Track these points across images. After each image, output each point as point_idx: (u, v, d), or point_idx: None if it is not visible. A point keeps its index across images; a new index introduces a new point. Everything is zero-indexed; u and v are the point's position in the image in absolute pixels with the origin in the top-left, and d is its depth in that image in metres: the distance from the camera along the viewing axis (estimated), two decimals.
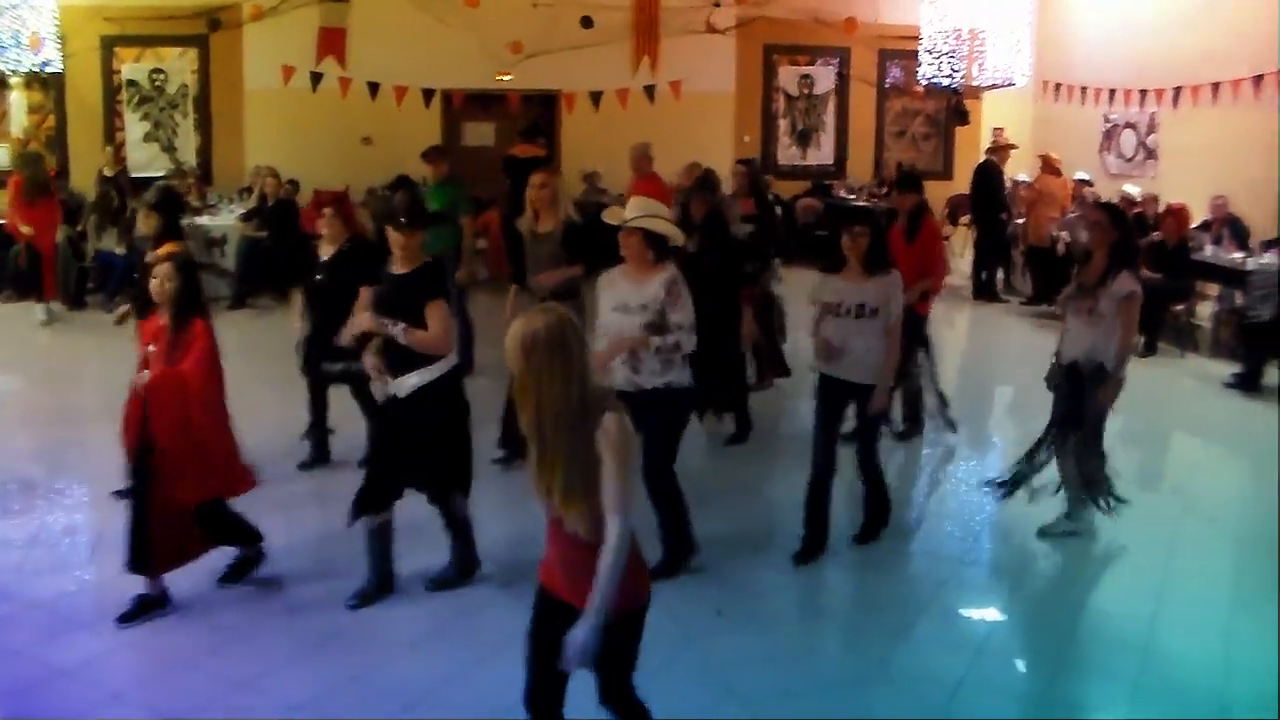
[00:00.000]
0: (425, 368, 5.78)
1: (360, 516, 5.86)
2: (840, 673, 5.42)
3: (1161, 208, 12.96)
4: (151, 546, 5.59)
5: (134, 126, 16.29)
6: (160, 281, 5.61)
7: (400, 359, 5.78)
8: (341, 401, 7.67)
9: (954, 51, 16.59)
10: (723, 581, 6.24)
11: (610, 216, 6.12)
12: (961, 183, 17.18)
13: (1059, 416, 6.87)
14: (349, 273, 7.15)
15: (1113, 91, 15.41)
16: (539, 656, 3.83)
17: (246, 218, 14.09)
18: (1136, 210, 13.45)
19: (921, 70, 17.07)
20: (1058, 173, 14.79)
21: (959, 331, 13.75)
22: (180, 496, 5.61)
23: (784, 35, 18.07)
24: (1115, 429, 9.43)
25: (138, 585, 5.71)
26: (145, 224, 7.13)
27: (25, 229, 12.81)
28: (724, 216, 8.65)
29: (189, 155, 16.42)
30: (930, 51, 16.81)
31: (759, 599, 6.09)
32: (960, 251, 16.84)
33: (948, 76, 16.80)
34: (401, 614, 5.82)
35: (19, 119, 15.86)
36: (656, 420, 5.97)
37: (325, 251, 7.55)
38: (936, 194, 17.53)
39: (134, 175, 15.03)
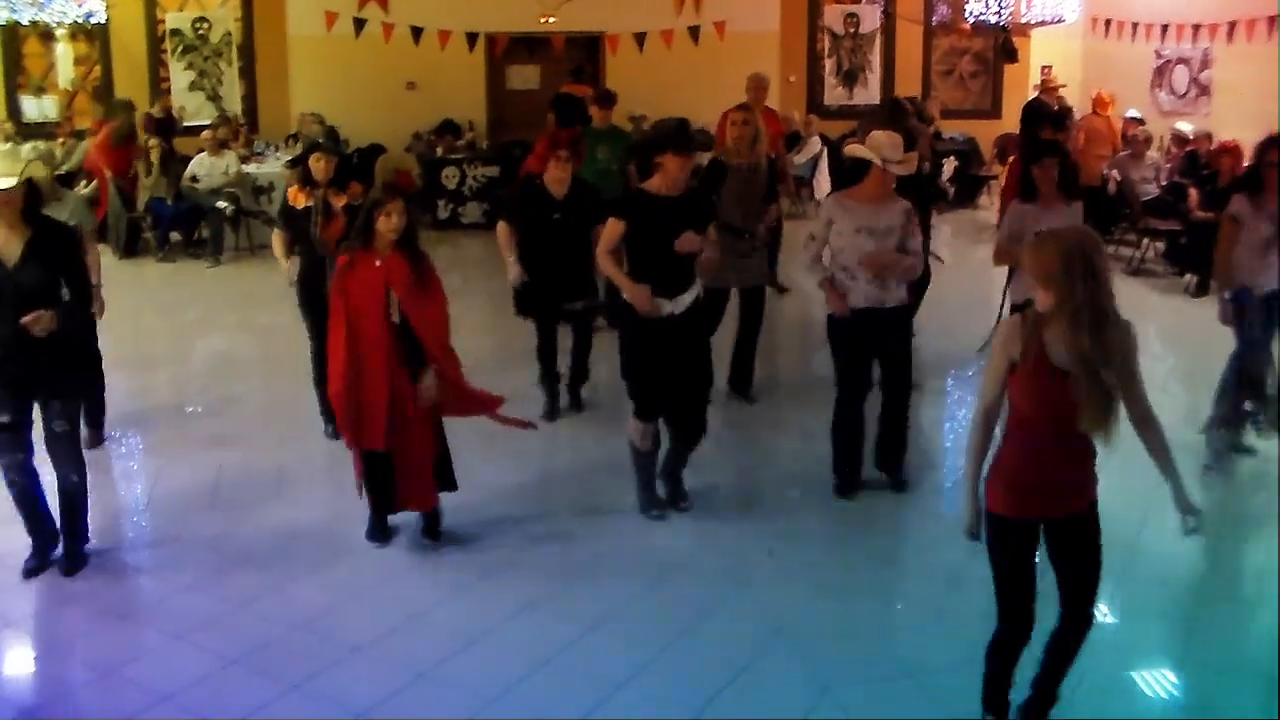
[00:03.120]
0: (695, 284, 6.15)
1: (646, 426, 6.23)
2: (891, 614, 5.45)
3: (1215, 145, 12.75)
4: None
5: (179, 75, 16.38)
6: (393, 218, 5.61)
7: (680, 279, 6.03)
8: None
9: None
10: (774, 523, 6.28)
11: (856, 152, 6.42)
12: (1010, 121, 16.96)
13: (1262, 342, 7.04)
14: (584, 211, 7.42)
15: (1165, 27, 15.11)
16: (1027, 589, 4.13)
17: (293, 164, 14.09)
18: (1189, 148, 13.25)
19: (969, 7, 16.84)
20: (1102, 113, 14.56)
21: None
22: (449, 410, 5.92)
23: None
24: (1166, 369, 9.40)
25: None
26: (320, 169, 7.13)
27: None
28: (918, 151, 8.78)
29: (234, 103, 16.51)
30: None
31: (810, 541, 6.12)
32: None
33: (995, 13, 16.60)
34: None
35: (65, 70, 15.97)
36: (897, 335, 6.57)
37: (557, 192, 7.58)
38: (985, 133, 17.37)
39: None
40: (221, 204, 13.44)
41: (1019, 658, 4.22)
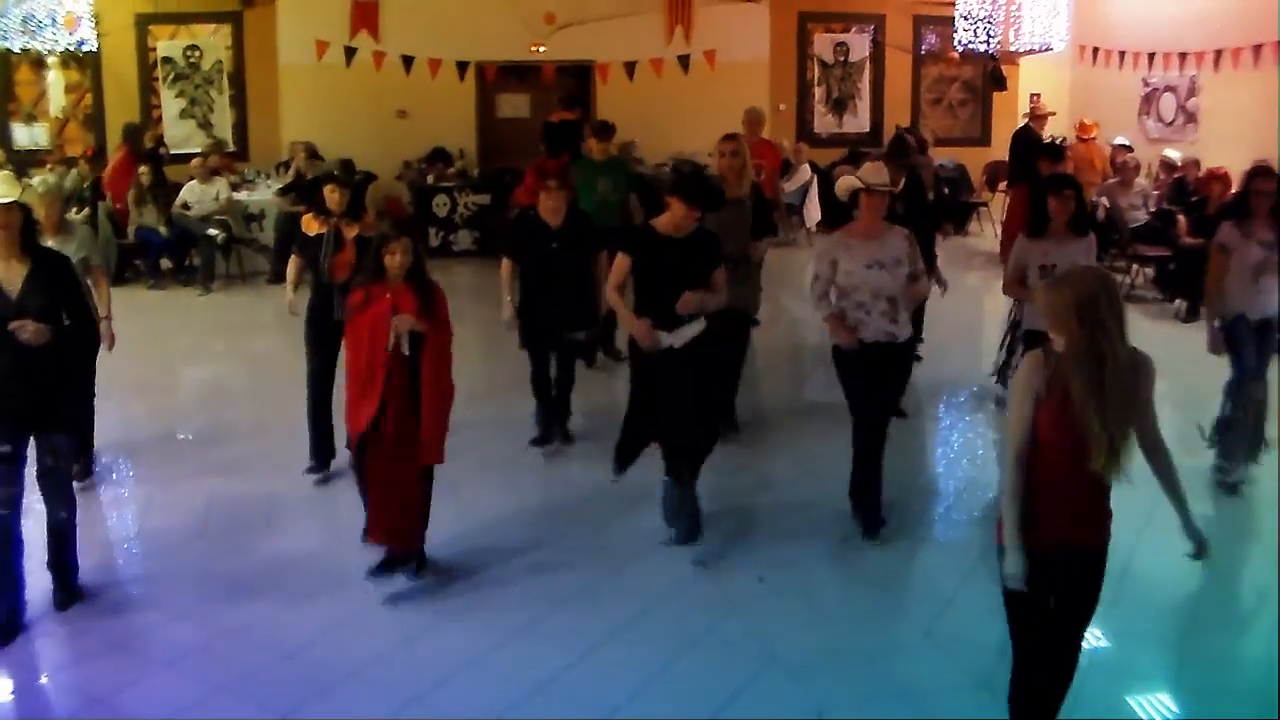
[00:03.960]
0: (700, 318, 6.12)
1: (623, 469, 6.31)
2: (884, 638, 5.42)
3: (1202, 172, 12.81)
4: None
5: (170, 103, 16.43)
6: (397, 256, 5.60)
7: (676, 312, 6.02)
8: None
9: (990, 16, 16.42)
10: (763, 549, 6.27)
11: (845, 184, 6.37)
12: (999, 149, 17.02)
13: (1255, 369, 7.03)
14: (582, 240, 7.46)
15: (1152, 55, 15.21)
16: (1043, 623, 4.02)
17: (283, 192, 14.12)
18: (1177, 175, 13.31)
19: (957, 36, 16.90)
20: (1088, 140, 14.62)
21: (1001, 299, 13.62)
22: (426, 458, 5.72)
23: (818, 2, 17.99)
24: (1157, 394, 9.42)
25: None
26: (334, 200, 7.10)
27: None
28: (922, 182, 8.73)
29: (225, 131, 16.54)
30: (966, 16, 16.63)
31: (800, 566, 6.10)
32: (999, 218, 16.67)
33: (984, 42, 16.63)
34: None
35: (56, 98, 16.00)
36: (900, 368, 6.49)
37: (553, 221, 7.51)
38: (974, 160, 17.44)
39: (172, 152, 15.22)
40: (212, 231, 13.44)
41: (1057, 708, 4.11)
